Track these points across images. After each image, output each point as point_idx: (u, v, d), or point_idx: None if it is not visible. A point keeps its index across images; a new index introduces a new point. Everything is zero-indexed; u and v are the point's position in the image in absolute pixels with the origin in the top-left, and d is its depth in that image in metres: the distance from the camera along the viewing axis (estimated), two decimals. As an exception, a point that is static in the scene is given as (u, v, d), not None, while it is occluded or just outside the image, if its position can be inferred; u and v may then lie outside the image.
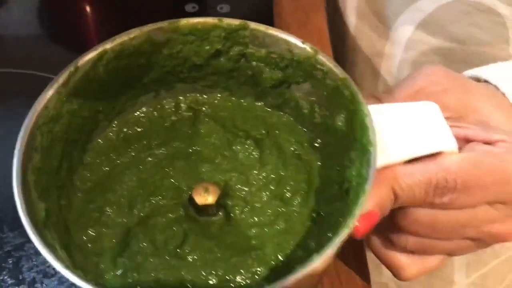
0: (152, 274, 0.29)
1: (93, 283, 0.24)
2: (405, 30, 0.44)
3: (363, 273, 0.37)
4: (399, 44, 0.45)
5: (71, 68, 0.30)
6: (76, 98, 0.31)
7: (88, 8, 0.51)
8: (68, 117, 0.31)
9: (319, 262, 0.24)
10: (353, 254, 0.38)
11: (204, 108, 0.36)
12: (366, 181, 0.26)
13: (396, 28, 0.45)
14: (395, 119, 0.30)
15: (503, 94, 0.32)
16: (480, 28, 0.41)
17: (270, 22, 0.49)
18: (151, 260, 0.30)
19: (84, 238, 0.30)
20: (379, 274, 0.53)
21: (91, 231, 0.31)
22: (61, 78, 0.30)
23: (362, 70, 0.51)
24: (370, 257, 0.53)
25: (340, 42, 0.53)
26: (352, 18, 0.50)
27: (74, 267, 0.26)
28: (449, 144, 0.30)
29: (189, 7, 0.51)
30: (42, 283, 0.35)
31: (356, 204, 0.26)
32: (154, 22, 0.32)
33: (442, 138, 0.30)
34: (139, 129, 0.35)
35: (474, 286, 0.53)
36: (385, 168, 0.29)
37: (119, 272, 0.29)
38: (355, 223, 0.25)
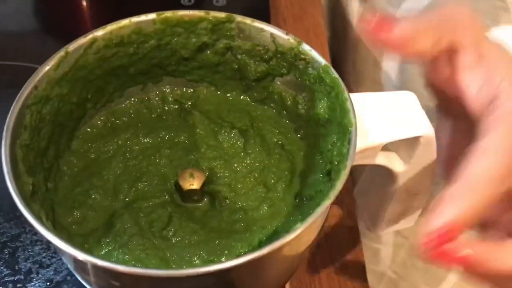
0: (137, 253, 0.29)
1: (79, 248, 0.24)
2: (409, 16, 0.44)
3: (358, 262, 0.38)
4: None
5: (61, 53, 0.31)
6: (65, 82, 0.31)
7: (83, 1, 0.52)
8: (57, 101, 0.31)
9: (302, 229, 0.25)
10: (349, 243, 0.38)
11: (190, 102, 0.37)
12: (347, 158, 0.27)
13: (401, 14, 0.44)
14: (375, 106, 0.32)
15: None
16: (482, 14, 0.41)
17: (267, 16, 0.50)
18: (135, 240, 0.30)
19: (69, 220, 0.31)
20: (376, 262, 0.52)
21: (77, 214, 0.31)
22: (52, 62, 0.31)
23: (364, 56, 0.51)
24: (366, 245, 0.53)
25: (342, 30, 0.53)
26: (355, 5, 0.50)
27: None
28: (425, 129, 0.31)
29: (184, 1, 0.51)
30: (38, 273, 0.35)
31: (338, 178, 0.27)
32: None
33: (419, 124, 0.31)
34: (126, 119, 0.36)
35: None
36: None
37: (104, 251, 0.30)
38: (335, 195, 0.26)
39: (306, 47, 0.32)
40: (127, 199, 0.32)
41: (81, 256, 0.24)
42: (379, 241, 0.53)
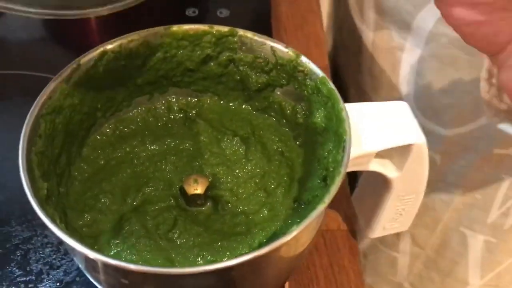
0: (144, 254, 0.31)
1: (90, 248, 0.26)
2: (426, 23, 0.44)
3: (355, 264, 0.39)
4: (420, 37, 0.45)
5: (73, 65, 0.33)
6: (77, 93, 0.33)
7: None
8: (69, 111, 0.33)
9: (298, 230, 0.26)
10: (346, 247, 0.40)
11: (194, 111, 0.39)
12: (341, 165, 0.29)
13: (418, 22, 0.45)
14: (369, 115, 0.33)
15: None
16: None
17: (268, 26, 0.51)
18: (142, 242, 0.32)
19: (80, 223, 0.33)
20: (394, 273, 0.53)
21: (87, 217, 0.33)
22: (64, 73, 0.32)
23: (381, 63, 0.51)
24: (385, 252, 0.53)
25: (356, 39, 0.53)
26: (370, 14, 0.50)
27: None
28: (417, 137, 0.33)
29: (189, 12, 0.52)
30: (48, 274, 0.37)
31: (333, 184, 0.29)
32: (155, 26, 0.35)
33: (411, 132, 0.33)
34: (134, 127, 0.37)
35: (488, 287, 0.53)
36: None
37: (113, 252, 0.31)
38: (330, 199, 0.28)
39: (304, 59, 0.34)
40: (134, 203, 0.34)
41: (93, 255, 0.26)
42: (396, 249, 0.53)
